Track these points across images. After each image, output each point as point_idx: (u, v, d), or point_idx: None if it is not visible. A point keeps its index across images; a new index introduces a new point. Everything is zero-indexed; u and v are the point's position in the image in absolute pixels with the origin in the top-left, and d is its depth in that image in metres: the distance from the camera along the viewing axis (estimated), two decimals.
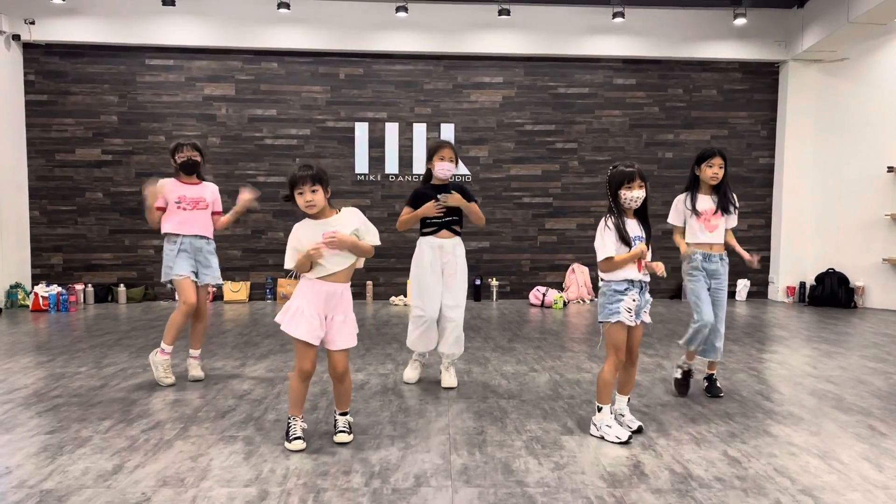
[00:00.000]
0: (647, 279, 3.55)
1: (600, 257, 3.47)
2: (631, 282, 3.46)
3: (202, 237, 4.73)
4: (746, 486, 2.91)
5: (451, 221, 4.51)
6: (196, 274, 4.70)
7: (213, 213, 4.83)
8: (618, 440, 3.42)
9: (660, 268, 3.50)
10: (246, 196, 4.72)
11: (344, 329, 3.35)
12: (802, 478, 3.01)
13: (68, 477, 2.95)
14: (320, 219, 3.33)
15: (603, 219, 3.52)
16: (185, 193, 4.70)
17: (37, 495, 2.77)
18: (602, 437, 3.48)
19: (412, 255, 4.69)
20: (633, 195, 3.45)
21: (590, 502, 2.74)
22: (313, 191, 3.25)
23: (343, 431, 3.44)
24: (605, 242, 3.46)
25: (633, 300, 3.45)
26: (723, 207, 4.31)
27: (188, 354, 4.84)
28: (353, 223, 3.33)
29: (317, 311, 3.27)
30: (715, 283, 4.32)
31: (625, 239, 3.43)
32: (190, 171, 4.73)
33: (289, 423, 3.39)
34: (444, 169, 4.46)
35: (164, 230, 4.67)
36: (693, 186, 4.41)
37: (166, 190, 4.66)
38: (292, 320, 3.27)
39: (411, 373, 4.71)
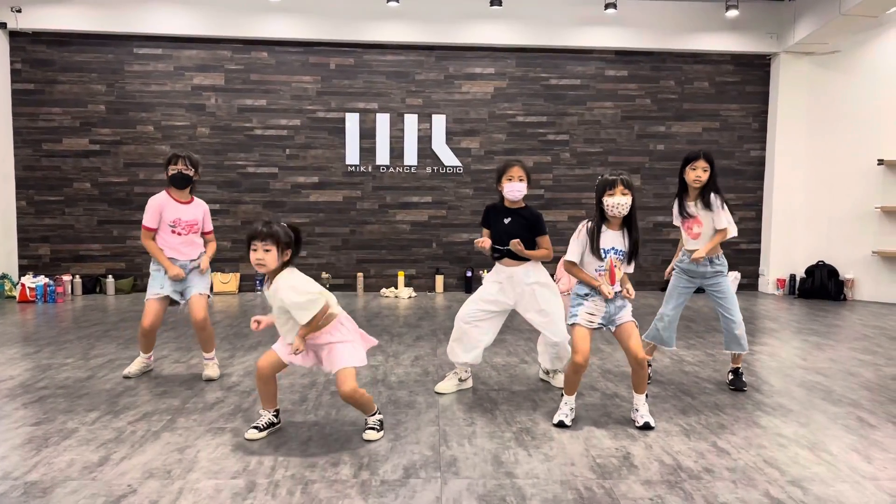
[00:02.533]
0: (618, 288, 3.56)
1: (565, 257, 3.65)
2: (594, 289, 3.56)
3: (193, 260, 4.59)
4: (736, 477, 2.91)
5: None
6: (182, 293, 4.57)
7: (204, 234, 4.68)
8: (553, 421, 3.61)
9: (609, 293, 3.51)
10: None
11: (331, 356, 3.30)
12: (791, 469, 3.01)
13: (53, 469, 2.92)
14: (270, 281, 3.25)
15: (583, 223, 3.65)
16: (181, 216, 4.50)
17: (21, 487, 2.74)
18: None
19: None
20: (615, 201, 3.48)
21: (579, 494, 2.73)
22: (266, 249, 3.14)
23: (372, 428, 3.37)
24: (572, 247, 3.61)
25: (596, 305, 3.56)
26: (703, 209, 4.28)
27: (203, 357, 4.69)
28: (279, 297, 3.18)
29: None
30: (710, 285, 4.36)
31: (594, 251, 3.54)
32: (180, 185, 4.48)
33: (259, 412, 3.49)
34: (515, 190, 4.05)
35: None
36: (682, 191, 4.41)
37: (160, 208, 4.46)
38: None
39: (443, 384, 4.28)
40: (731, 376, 4.44)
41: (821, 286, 9.15)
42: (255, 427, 3.36)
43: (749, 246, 10.01)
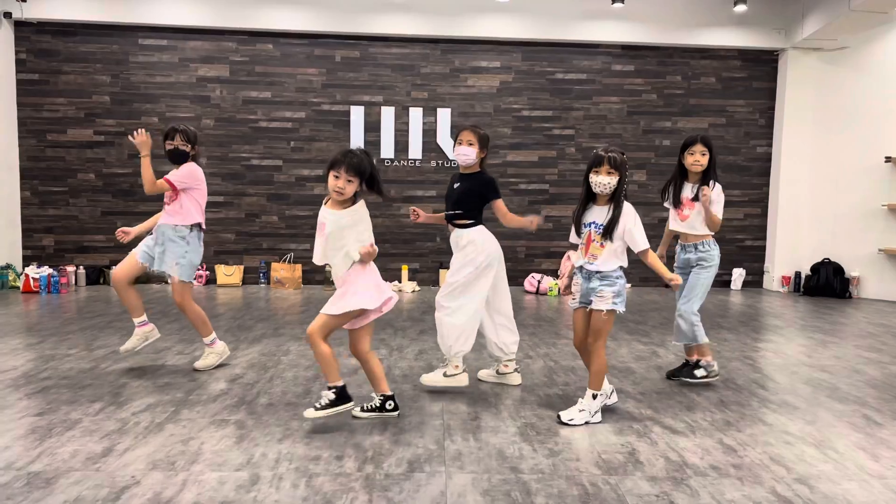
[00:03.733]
0: (592, 267, 3.53)
1: (571, 239, 3.79)
2: (579, 268, 3.63)
3: (165, 224, 4.55)
4: (742, 474, 2.90)
5: (454, 215, 4.14)
6: (153, 258, 4.54)
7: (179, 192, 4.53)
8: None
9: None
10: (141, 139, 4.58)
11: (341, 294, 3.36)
12: (798, 466, 2.99)
13: (56, 459, 2.91)
14: (334, 207, 3.36)
15: None
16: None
17: (24, 477, 2.73)
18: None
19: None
20: (598, 180, 3.51)
21: (584, 489, 2.71)
22: (349, 180, 3.25)
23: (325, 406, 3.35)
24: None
25: (577, 284, 3.64)
26: (695, 197, 4.26)
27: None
28: (354, 226, 3.33)
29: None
30: (691, 271, 4.37)
31: (576, 225, 3.65)
32: (174, 160, 4.53)
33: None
34: (460, 154, 4.08)
35: None
36: (679, 175, 4.38)
37: None
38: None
39: (483, 371, 4.46)
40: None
41: (826, 284, 9.11)
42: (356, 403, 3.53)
43: (754, 243, 9.97)
